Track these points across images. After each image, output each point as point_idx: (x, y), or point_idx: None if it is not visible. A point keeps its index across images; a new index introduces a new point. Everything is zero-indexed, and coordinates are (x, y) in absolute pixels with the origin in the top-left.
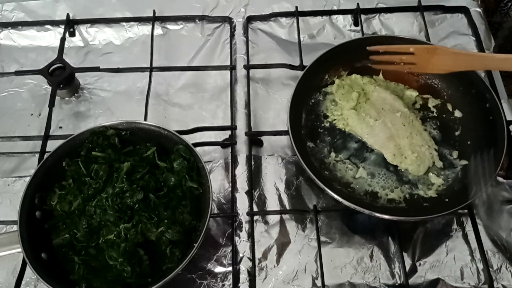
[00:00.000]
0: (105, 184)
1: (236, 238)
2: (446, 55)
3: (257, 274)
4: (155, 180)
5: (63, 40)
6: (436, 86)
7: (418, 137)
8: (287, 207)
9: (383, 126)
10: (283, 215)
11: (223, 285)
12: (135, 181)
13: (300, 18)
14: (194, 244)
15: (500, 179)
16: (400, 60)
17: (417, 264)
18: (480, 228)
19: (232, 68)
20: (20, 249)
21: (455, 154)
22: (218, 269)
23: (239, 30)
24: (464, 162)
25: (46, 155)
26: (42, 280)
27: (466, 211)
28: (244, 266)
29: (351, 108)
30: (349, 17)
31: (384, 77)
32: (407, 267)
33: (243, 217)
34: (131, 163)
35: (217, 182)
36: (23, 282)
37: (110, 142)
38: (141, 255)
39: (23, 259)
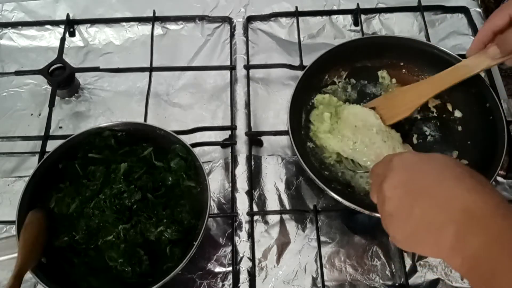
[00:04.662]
0: (102, 185)
1: (236, 238)
2: (404, 92)
3: (257, 274)
4: (152, 180)
5: (63, 40)
6: None
7: (401, 149)
8: (287, 207)
9: (364, 146)
10: (283, 215)
11: (223, 285)
12: (132, 181)
13: (300, 18)
14: (194, 243)
15: (500, 179)
16: None
17: (417, 264)
18: None
19: (232, 68)
20: None
21: (455, 154)
22: (218, 269)
23: (239, 30)
24: (464, 162)
25: (44, 156)
26: (42, 284)
27: None
28: (244, 266)
29: (326, 131)
30: (349, 17)
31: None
32: (407, 267)
33: (243, 217)
34: (128, 164)
35: (217, 182)
36: (23, 282)
37: (107, 143)
38: (141, 255)
39: None
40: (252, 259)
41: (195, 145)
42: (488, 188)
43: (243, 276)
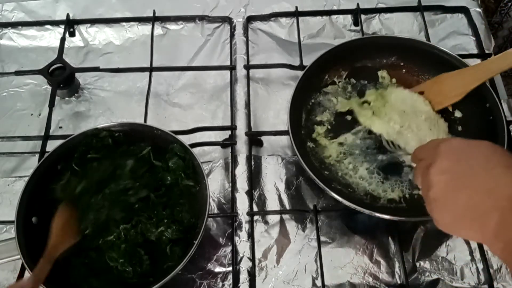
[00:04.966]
0: (108, 178)
1: (236, 238)
2: (452, 77)
3: (257, 274)
4: (154, 179)
5: (63, 40)
6: None
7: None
8: (287, 207)
9: (410, 132)
10: (283, 215)
11: (223, 285)
12: (137, 179)
13: (300, 18)
14: (194, 242)
15: None
16: None
17: (417, 264)
18: None
19: (232, 68)
20: (19, 256)
21: None
22: (218, 269)
23: (239, 30)
24: None
25: (44, 156)
26: (42, 286)
27: None
28: (244, 266)
29: (370, 115)
30: (349, 17)
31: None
32: (407, 267)
33: (243, 217)
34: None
35: (217, 182)
36: None
37: (104, 143)
38: (142, 255)
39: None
40: (252, 259)
41: (195, 145)
42: None
43: (243, 276)
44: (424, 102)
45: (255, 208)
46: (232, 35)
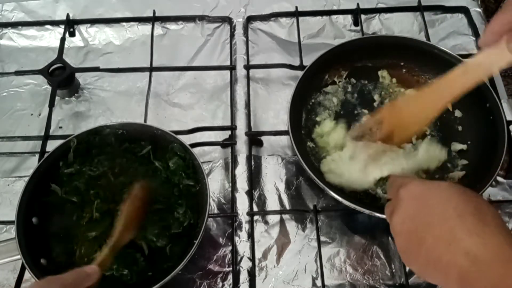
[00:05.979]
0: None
1: (236, 238)
2: (413, 101)
3: (257, 274)
4: (154, 179)
5: (63, 40)
6: None
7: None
8: (287, 207)
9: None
10: (283, 215)
11: (223, 285)
12: (138, 178)
13: (300, 18)
14: (194, 241)
15: (500, 179)
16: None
17: None
18: None
19: (232, 68)
20: (19, 256)
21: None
22: (218, 269)
23: (239, 30)
24: (464, 161)
25: (44, 156)
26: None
27: None
28: (244, 266)
29: (347, 157)
30: (349, 17)
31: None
32: (407, 267)
33: (243, 217)
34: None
35: (217, 182)
36: (22, 282)
37: (107, 141)
38: (134, 254)
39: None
40: (252, 259)
41: (195, 145)
42: (489, 228)
43: (243, 276)
44: (383, 148)
45: (255, 208)
46: (232, 35)
